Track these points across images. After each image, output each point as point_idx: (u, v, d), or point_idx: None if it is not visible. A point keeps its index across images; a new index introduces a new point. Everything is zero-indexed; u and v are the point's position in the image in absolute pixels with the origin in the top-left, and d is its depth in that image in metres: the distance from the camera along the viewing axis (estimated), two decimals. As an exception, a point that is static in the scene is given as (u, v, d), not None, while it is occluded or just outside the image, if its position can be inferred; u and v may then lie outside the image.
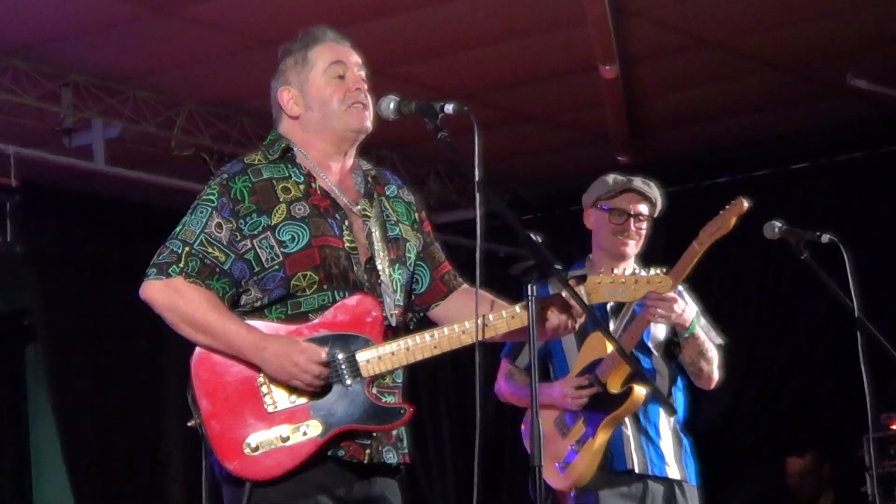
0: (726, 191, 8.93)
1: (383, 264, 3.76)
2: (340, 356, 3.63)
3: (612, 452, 5.07)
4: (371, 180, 3.88)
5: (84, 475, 9.52)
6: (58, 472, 9.73)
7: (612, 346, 4.93)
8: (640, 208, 5.22)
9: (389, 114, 3.74)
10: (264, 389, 3.63)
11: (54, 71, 7.93)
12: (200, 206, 3.71)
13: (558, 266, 3.62)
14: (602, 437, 5.04)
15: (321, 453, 3.62)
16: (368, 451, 3.67)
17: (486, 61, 8.06)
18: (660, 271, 3.90)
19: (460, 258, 4.16)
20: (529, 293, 3.60)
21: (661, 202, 5.29)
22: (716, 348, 5.18)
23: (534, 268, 3.60)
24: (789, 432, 9.34)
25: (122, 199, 9.58)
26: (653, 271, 3.89)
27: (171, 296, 3.65)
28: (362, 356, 3.64)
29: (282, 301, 3.68)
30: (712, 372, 5.17)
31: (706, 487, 5.30)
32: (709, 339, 5.16)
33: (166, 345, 8.81)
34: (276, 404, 3.62)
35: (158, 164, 8.68)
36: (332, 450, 3.63)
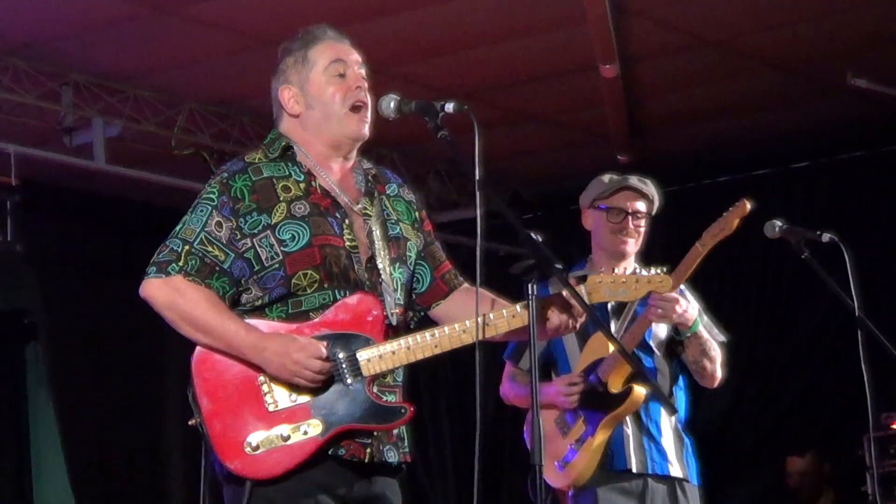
0: (726, 190, 8.96)
1: (384, 263, 3.76)
2: (341, 355, 3.63)
3: (612, 451, 5.06)
4: (371, 179, 3.88)
5: (84, 474, 9.51)
6: (58, 472, 9.72)
7: (614, 345, 4.92)
8: (638, 206, 5.22)
9: (390, 113, 3.73)
10: (265, 388, 3.63)
11: (55, 70, 7.93)
12: (200, 204, 3.71)
13: (558, 265, 3.62)
14: (601, 436, 5.03)
15: (322, 452, 3.61)
16: (369, 451, 3.67)
17: (487, 60, 8.06)
18: (660, 271, 3.90)
19: (460, 257, 4.16)
20: (530, 292, 3.59)
21: (658, 199, 5.28)
22: (719, 346, 5.18)
23: (534, 267, 3.60)
24: (789, 432, 9.33)
25: (122, 198, 9.57)
26: (653, 271, 3.89)
27: (170, 294, 3.64)
28: (363, 355, 3.63)
29: (282, 300, 3.68)
30: (716, 370, 5.16)
31: (706, 487, 5.29)
32: (711, 337, 5.15)
33: (167, 344, 8.80)
34: (276, 403, 3.62)
35: (159, 163, 8.67)
36: (332, 449, 3.63)
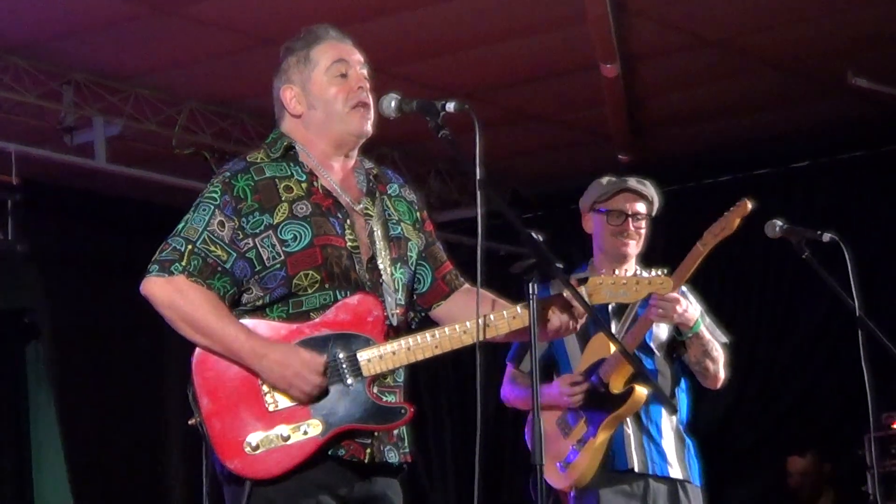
0: (727, 190, 8.96)
1: (385, 263, 3.76)
2: (342, 355, 3.62)
3: (613, 451, 5.06)
4: (373, 179, 3.88)
5: (85, 474, 9.50)
6: (58, 472, 9.70)
7: (615, 346, 4.92)
8: (638, 207, 5.22)
9: (391, 112, 3.73)
10: (265, 388, 3.62)
11: (55, 69, 7.93)
12: (203, 203, 3.70)
13: (559, 265, 3.62)
14: (603, 437, 5.03)
15: (321, 452, 3.61)
16: (369, 451, 3.67)
17: (488, 60, 8.06)
18: (661, 272, 3.90)
19: (461, 257, 4.16)
20: (530, 291, 3.59)
21: (657, 201, 5.28)
22: (721, 347, 5.18)
23: (534, 266, 3.59)
24: (790, 432, 9.33)
25: (123, 197, 9.57)
26: (654, 272, 3.89)
27: (172, 294, 3.64)
28: (363, 355, 3.63)
29: (283, 300, 3.68)
30: (718, 371, 5.15)
31: (706, 487, 5.29)
32: (714, 338, 5.15)
33: (168, 343, 8.78)
34: (276, 403, 3.61)
35: (159, 162, 8.67)
36: (332, 449, 3.62)
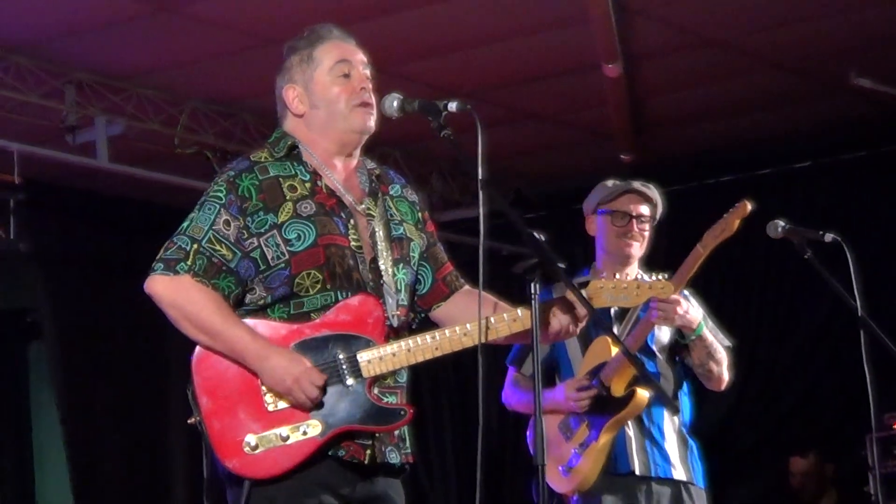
0: (728, 190, 8.95)
1: (386, 264, 3.75)
2: (342, 356, 3.62)
3: (615, 454, 5.05)
4: (375, 179, 3.87)
5: (86, 473, 9.50)
6: (60, 472, 9.71)
7: (617, 347, 4.92)
8: (642, 209, 5.22)
9: (393, 112, 3.73)
10: (265, 388, 3.62)
11: (57, 68, 7.93)
12: (208, 202, 3.70)
13: (561, 265, 3.61)
14: (605, 440, 5.02)
15: (321, 453, 3.61)
16: (369, 452, 3.66)
17: (490, 60, 8.06)
18: (662, 276, 3.89)
19: (463, 256, 4.15)
20: (532, 291, 3.59)
21: (661, 204, 5.28)
22: (724, 350, 5.17)
23: (537, 266, 3.59)
24: (792, 432, 9.33)
25: (125, 196, 9.57)
26: (655, 277, 3.88)
27: (176, 293, 3.63)
28: (363, 356, 3.63)
29: (284, 300, 3.67)
30: (722, 373, 5.15)
31: (709, 489, 5.29)
32: (717, 341, 5.15)
33: (170, 343, 8.79)
34: (276, 403, 3.61)
35: (162, 161, 8.67)
36: (332, 450, 3.62)
